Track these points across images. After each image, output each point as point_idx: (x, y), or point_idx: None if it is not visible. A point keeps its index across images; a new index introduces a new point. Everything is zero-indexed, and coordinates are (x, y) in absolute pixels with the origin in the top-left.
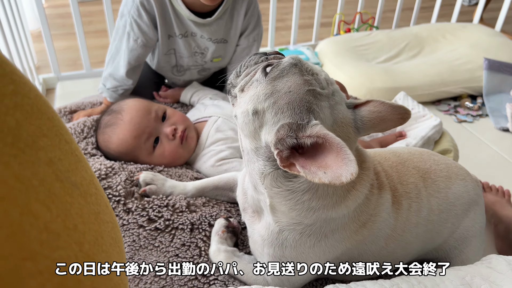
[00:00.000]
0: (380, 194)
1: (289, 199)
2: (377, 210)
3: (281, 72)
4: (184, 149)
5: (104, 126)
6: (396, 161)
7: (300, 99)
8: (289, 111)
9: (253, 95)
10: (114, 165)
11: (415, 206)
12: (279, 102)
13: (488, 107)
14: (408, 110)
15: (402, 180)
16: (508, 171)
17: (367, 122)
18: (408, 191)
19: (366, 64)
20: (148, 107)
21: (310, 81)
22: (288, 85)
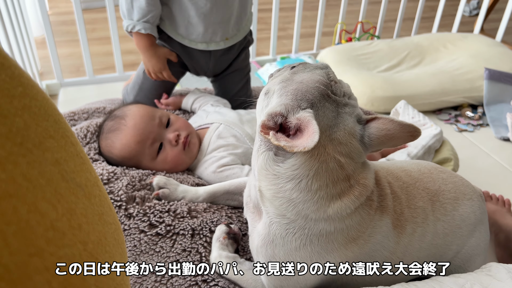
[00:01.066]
0: (378, 216)
1: (273, 184)
2: (371, 231)
3: (304, 69)
4: (187, 155)
5: (107, 132)
6: (407, 181)
7: (307, 90)
8: (292, 96)
9: (273, 79)
10: (116, 170)
11: (420, 231)
12: (288, 88)
13: (489, 116)
14: (417, 128)
15: (410, 204)
16: (508, 180)
17: (375, 139)
18: (415, 215)
19: (367, 73)
20: (152, 113)
21: (326, 82)
22: (303, 77)
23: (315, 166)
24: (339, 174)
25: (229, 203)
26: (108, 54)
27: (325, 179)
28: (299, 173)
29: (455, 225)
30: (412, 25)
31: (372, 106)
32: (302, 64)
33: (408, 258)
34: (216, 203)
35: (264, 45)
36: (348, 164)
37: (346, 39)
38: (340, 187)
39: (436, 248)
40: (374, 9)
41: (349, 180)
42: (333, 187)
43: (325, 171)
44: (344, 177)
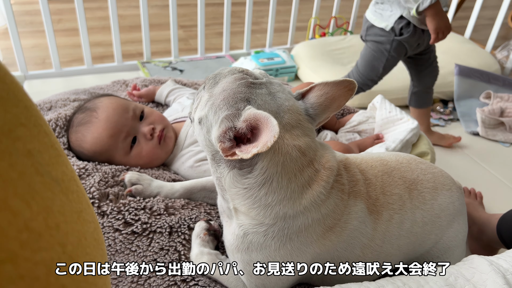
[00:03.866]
0: (352, 201)
1: (247, 197)
2: (347, 217)
3: (214, 79)
4: (162, 150)
5: (77, 125)
6: (382, 170)
7: (234, 92)
8: (225, 106)
9: (199, 108)
10: (88, 166)
11: (397, 217)
12: (216, 102)
13: (459, 111)
14: (351, 81)
15: (385, 190)
16: (478, 174)
17: (317, 106)
18: (391, 202)
19: (342, 68)
20: (126, 105)
21: (241, 76)
22: (222, 86)
23: (280, 160)
24: (303, 161)
25: (207, 201)
26: (76, 46)
27: (292, 170)
28: (269, 173)
29: (434, 214)
30: None
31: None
32: (210, 78)
33: (388, 246)
34: (193, 199)
35: (237, 39)
36: (308, 146)
37: (320, 34)
38: (307, 174)
39: (415, 236)
40: (347, 4)
41: (313, 165)
42: (301, 175)
43: (290, 162)
44: (308, 163)
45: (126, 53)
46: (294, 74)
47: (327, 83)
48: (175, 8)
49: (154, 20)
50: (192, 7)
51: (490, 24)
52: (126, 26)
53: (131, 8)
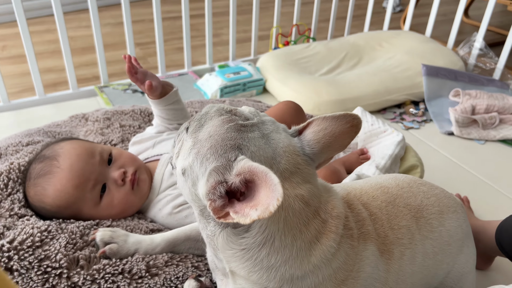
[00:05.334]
0: (362, 246)
1: (246, 260)
2: (358, 265)
3: (199, 121)
4: (136, 195)
5: (35, 177)
6: (385, 199)
7: (222, 139)
8: (213, 155)
9: (181, 156)
10: (50, 227)
11: (408, 253)
12: (202, 151)
13: (431, 112)
14: (355, 115)
15: (393, 224)
16: (460, 175)
17: (315, 144)
18: (400, 236)
19: (310, 77)
20: (91, 149)
21: (229, 117)
22: (208, 131)
23: (282, 215)
24: (307, 212)
25: (192, 252)
26: (24, 75)
27: (296, 225)
28: (269, 232)
29: (443, 242)
30: (343, 24)
31: (319, 111)
32: (195, 120)
33: (402, 286)
34: (177, 252)
35: (198, 53)
36: (311, 194)
37: (283, 43)
38: (313, 227)
39: (427, 269)
40: (306, 10)
41: (319, 215)
42: (307, 230)
43: (293, 216)
44: (313, 214)
45: (81, 77)
46: (262, 87)
47: (325, 117)
48: (130, 25)
49: (107, 39)
50: (147, 23)
51: (444, 20)
52: (78, 48)
53: (81, 28)
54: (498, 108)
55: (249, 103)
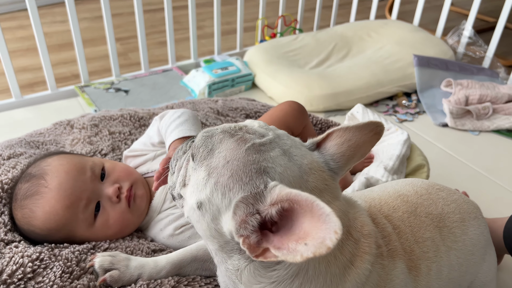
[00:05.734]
0: (392, 264)
1: (261, 284)
2: (390, 285)
3: (206, 146)
4: (134, 213)
5: (22, 198)
6: (406, 210)
7: (243, 163)
8: (237, 184)
9: (193, 187)
10: (42, 255)
11: (435, 267)
12: (222, 180)
13: (424, 103)
14: (379, 123)
15: (417, 237)
16: (456, 168)
17: (340, 158)
18: (425, 250)
19: (300, 71)
20: (81, 164)
21: (242, 136)
22: (222, 156)
23: None
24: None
25: (200, 273)
26: None
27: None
28: (304, 261)
29: (467, 251)
30: (328, 14)
31: (311, 106)
32: (200, 146)
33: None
34: (184, 274)
35: (182, 47)
36: (342, 213)
37: (270, 35)
38: (347, 250)
39: (453, 282)
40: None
41: (351, 235)
42: (341, 255)
43: None
44: (346, 234)
45: (59, 76)
46: (251, 82)
47: (348, 128)
48: (110, 19)
49: (85, 35)
50: (126, 16)
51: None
52: (54, 45)
53: (55, 24)
54: (491, 98)
55: (242, 102)
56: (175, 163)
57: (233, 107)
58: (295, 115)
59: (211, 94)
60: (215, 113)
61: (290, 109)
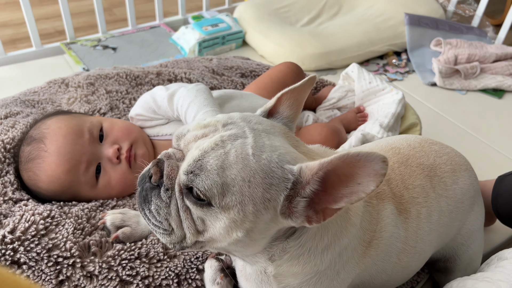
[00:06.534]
0: (381, 205)
1: (301, 254)
2: (380, 225)
3: (216, 183)
4: (136, 173)
5: (25, 161)
6: (397, 160)
7: (262, 170)
8: (271, 191)
9: (225, 227)
10: (53, 213)
11: (424, 211)
12: (257, 200)
13: (414, 62)
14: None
15: (407, 184)
16: (443, 126)
17: (293, 117)
18: (415, 195)
19: (292, 29)
20: (78, 126)
21: (234, 146)
22: (239, 179)
23: None
24: None
25: None
26: None
27: None
28: None
29: (457, 199)
30: None
31: (303, 65)
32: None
33: (421, 244)
34: None
35: (169, 2)
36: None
37: None
38: None
39: (443, 227)
40: None
41: None
42: None
43: None
44: None
45: (42, 33)
46: (241, 40)
47: (294, 89)
48: None
49: None
50: None
51: None
52: None
53: None
54: (479, 58)
55: (237, 61)
56: (165, 223)
57: (228, 66)
58: (294, 77)
59: (201, 52)
60: (211, 72)
61: (288, 70)
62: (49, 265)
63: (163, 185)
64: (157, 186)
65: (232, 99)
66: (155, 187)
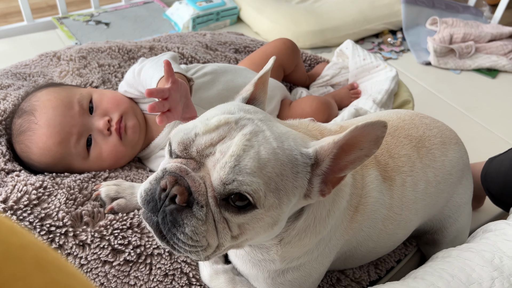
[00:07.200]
0: (364, 171)
1: (307, 226)
2: (365, 190)
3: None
4: (127, 145)
5: (17, 133)
6: None
7: (287, 157)
8: (298, 178)
9: (263, 224)
10: (45, 183)
11: (410, 180)
12: (289, 191)
13: (409, 41)
14: (273, 57)
15: (392, 153)
16: (436, 105)
17: (264, 99)
18: (400, 165)
19: (287, 5)
20: (68, 98)
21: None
22: (275, 173)
23: None
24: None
25: None
26: None
27: None
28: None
29: (445, 171)
30: None
31: (297, 43)
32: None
33: (406, 212)
34: None
35: None
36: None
37: None
38: None
39: (430, 197)
40: None
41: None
42: None
43: None
44: None
45: (33, 7)
46: (236, 16)
47: (266, 73)
48: None
49: None
50: None
51: None
52: None
53: None
54: (474, 37)
55: (231, 36)
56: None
57: (222, 42)
58: (289, 53)
59: (195, 28)
60: (204, 47)
61: (284, 46)
62: (41, 234)
63: (196, 203)
64: (186, 206)
65: (226, 73)
66: (183, 208)
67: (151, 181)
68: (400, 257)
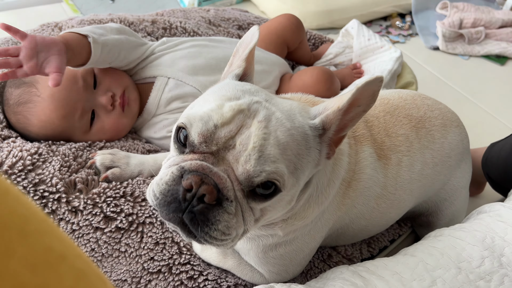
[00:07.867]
0: (359, 147)
1: (310, 195)
2: (359, 166)
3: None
4: (128, 117)
5: (15, 104)
6: (384, 109)
7: (301, 135)
8: (311, 152)
9: (280, 207)
10: (40, 150)
11: (406, 160)
12: (299, 171)
13: (418, 25)
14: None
15: (390, 132)
16: (442, 91)
17: (253, 74)
18: (397, 144)
19: None
20: (73, 73)
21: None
22: (291, 155)
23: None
24: None
25: None
26: None
27: None
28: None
29: (444, 154)
30: None
31: (304, 23)
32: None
33: (400, 192)
34: None
35: None
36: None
37: None
38: None
39: (426, 178)
40: None
41: None
42: None
43: None
44: None
45: None
46: None
47: (254, 48)
48: None
49: None
50: None
51: None
52: None
53: None
54: (485, 23)
55: (235, 12)
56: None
57: (225, 18)
58: (293, 30)
59: (201, 5)
60: (207, 23)
61: (288, 22)
62: (35, 199)
63: (226, 199)
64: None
65: (215, 45)
66: (212, 206)
67: (168, 182)
68: (394, 237)
